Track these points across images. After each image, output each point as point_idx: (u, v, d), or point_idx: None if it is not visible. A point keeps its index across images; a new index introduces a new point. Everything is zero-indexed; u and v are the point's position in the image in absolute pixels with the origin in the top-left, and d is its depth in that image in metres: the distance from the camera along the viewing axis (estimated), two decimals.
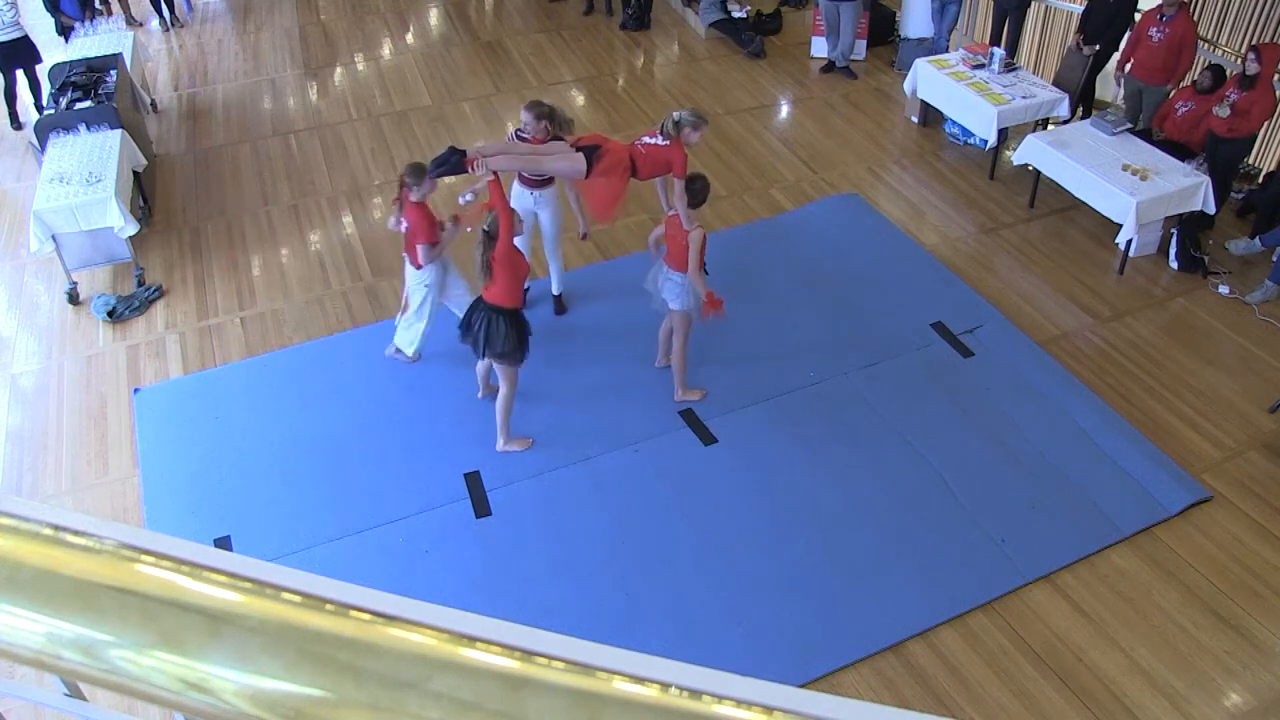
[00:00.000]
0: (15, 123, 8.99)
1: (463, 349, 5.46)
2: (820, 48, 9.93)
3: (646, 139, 5.44)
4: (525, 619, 0.70)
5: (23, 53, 8.66)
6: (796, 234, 7.39)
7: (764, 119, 9.08)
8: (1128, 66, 8.00)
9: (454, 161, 5.06)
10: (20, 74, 8.83)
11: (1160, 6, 7.60)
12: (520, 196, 5.94)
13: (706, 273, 5.48)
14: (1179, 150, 7.31)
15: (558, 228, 6.15)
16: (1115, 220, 7.04)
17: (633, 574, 4.95)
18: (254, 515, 5.24)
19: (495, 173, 4.95)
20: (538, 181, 5.90)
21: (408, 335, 5.90)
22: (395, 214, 5.59)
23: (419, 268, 5.58)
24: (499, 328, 5.04)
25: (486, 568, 5.00)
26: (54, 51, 8.96)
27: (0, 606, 0.72)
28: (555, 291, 6.49)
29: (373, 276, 7.09)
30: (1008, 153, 8.21)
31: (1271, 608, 4.80)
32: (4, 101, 8.91)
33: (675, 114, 5.39)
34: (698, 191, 5.34)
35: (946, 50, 9.12)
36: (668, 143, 5.33)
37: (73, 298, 6.82)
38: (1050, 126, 8.06)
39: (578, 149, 5.29)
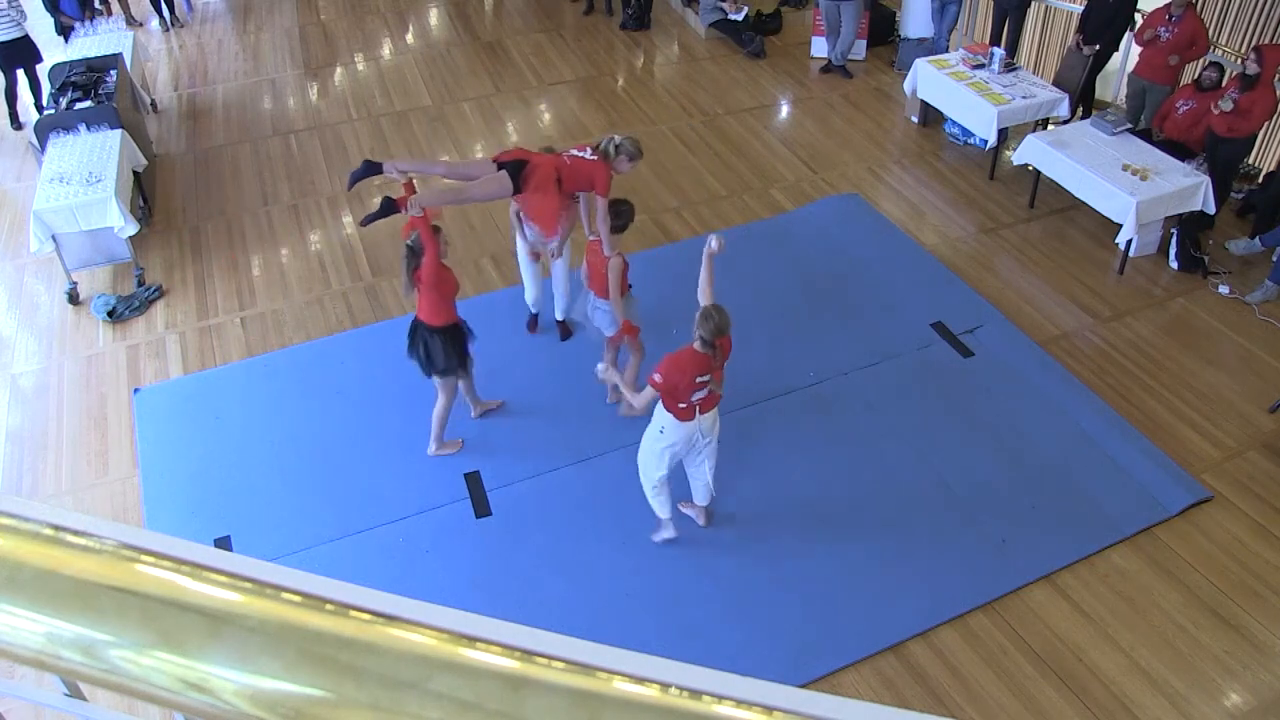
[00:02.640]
0: (16, 122, 8.99)
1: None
2: (820, 48, 9.93)
3: (575, 151, 5.32)
4: (525, 619, 0.69)
5: (23, 52, 8.67)
6: (796, 234, 7.39)
7: (764, 119, 9.08)
8: (1132, 64, 8.01)
9: (385, 205, 4.90)
10: (20, 74, 8.83)
11: (1168, 6, 7.60)
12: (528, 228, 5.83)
13: (635, 298, 5.45)
14: (1179, 150, 7.31)
15: (564, 258, 6.00)
16: (1115, 220, 7.04)
17: (632, 574, 4.95)
18: (254, 515, 5.24)
19: (424, 208, 4.78)
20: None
21: None
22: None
23: None
24: (436, 346, 4.98)
25: (486, 568, 5.00)
26: (54, 51, 8.96)
27: (0, 606, 0.72)
28: (559, 318, 6.33)
29: (372, 276, 7.09)
30: (1008, 153, 8.21)
31: (1271, 608, 4.80)
32: (4, 101, 8.92)
33: (616, 138, 5.30)
34: (623, 214, 5.25)
35: (947, 50, 9.12)
36: (594, 158, 5.22)
37: (73, 298, 6.82)
38: (1050, 126, 8.06)
39: (501, 166, 5.15)
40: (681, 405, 4.50)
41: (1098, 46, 8.16)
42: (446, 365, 5.05)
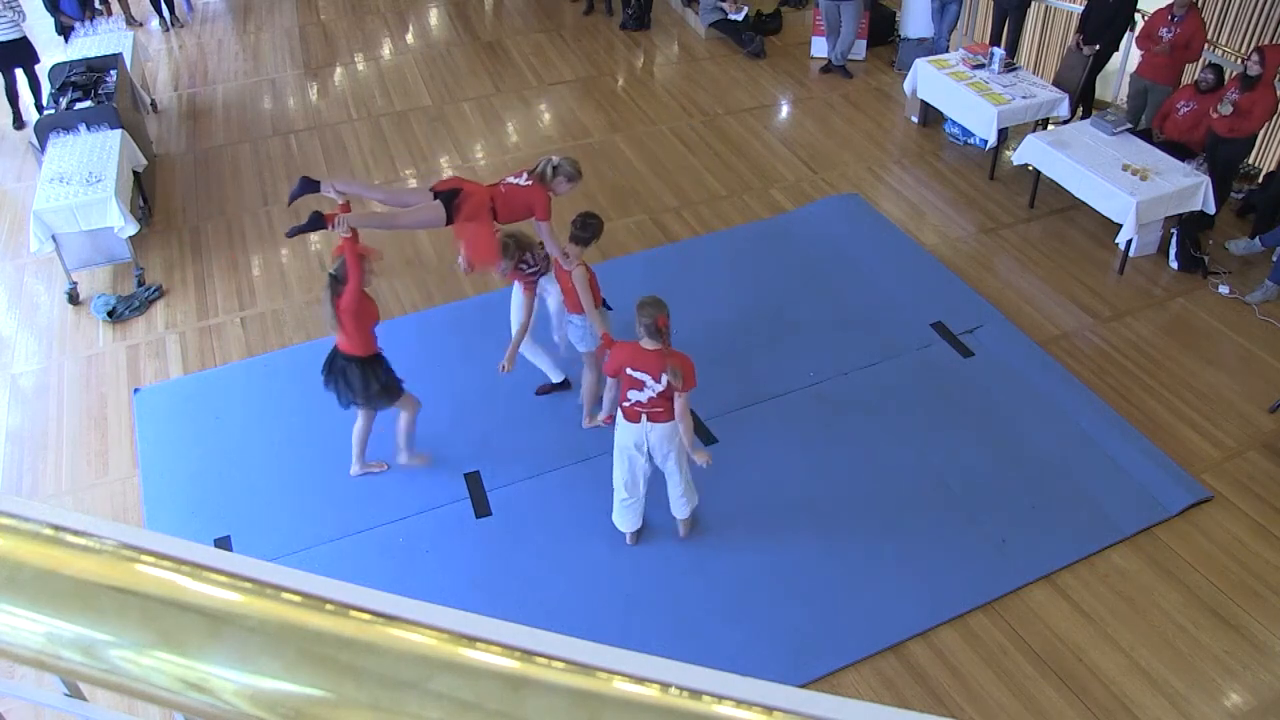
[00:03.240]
0: (18, 122, 9.00)
1: (467, 353, 5.45)
2: (820, 48, 9.93)
3: (511, 179, 5.19)
4: (525, 619, 0.69)
5: (21, 53, 8.68)
6: (796, 234, 7.39)
7: (764, 119, 9.08)
8: (1134, 65, 8.00)
9: (313, 219, 4.79)
10: (20, 74, 8.83)
11: (1171, 6, 7.60)
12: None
13: (610, 308, 5.39)
14: (1179, 150, 7.31)
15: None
16: (1115, 220, 7.04)
17: (632, 574, 4.94)
18: (254, 515, 5.24)
19: (354, 229, 4.68)
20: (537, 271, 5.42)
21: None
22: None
23: None
24: (355, 377, 4.85)
25: (486, 568, 5.00)
26: (54, 51, 8.96)
27: (0, 606, 0.72)
28: (555, 380, 5.94)
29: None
30: (1008, 153, 8.21)
31: (1271, 608, 4.80)
32: (7, 101, 8.93)
33: (555, 159, 5.18)
34: (590, 227, 5.12)
35: (947, 50, 9.11)
36: (530, 184, 5.11)
37: (73, 298, 6.82)
38: (1050, 126, 8.06)
39: (437, 194, 5.02)
40: (624, 403, 4.53)
41: (1098, 46, 8.17)
42: (365, 395, 4.90)
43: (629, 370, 4.44)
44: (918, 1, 9.61)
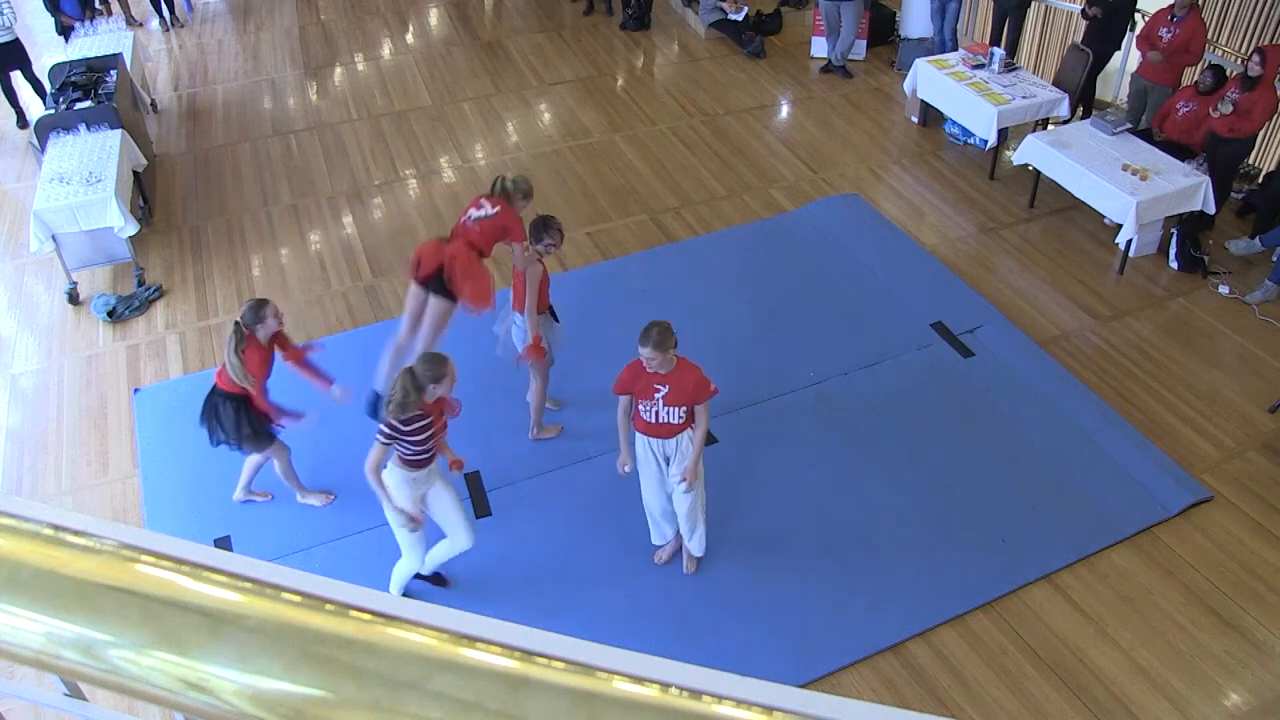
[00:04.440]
0: (22, 120, 9.00)
1: (466, 352, 5.45)
2: (820, 48, 9.93)
3: (474, 213, 5.09)
4: (525, 619, 0.70)
5: (14, 56, 8.69)
6: (796, 234, 7.39)
7: (764, 119, 9.08)
8: (1134, 64, 7.99)
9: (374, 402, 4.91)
10: (19, 76, 8.84)
11: (1171, 7, 7.60)
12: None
13: (556, 320, 5.34)
14: (1179, 150, 7.31)
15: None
16: (1115, 220, 7.04)
17: (632, 574, 4.94)
18: (254, 515, 5.24)
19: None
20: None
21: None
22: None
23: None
24: (228, 416, 4.68)
25: (486, 568, 4.99)
26: (54, 51, 8.97)
27: (0, 606, 0.72)
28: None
29: (373, 276, 7.09)
30: (1008, 153, 8.21)
31: (1271, 608, 4.80)
32: (8, 102, 8.94)
33: (509, 176, 5.12)
34: (557, 230, 5.00)
35: (954, 48, 9.10)
36: (497, 210, 5.05)
37: (73, 298, 6.82)
38: (1050, 126, 8.06)
39: (425, 284, 5.03)
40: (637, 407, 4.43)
41: (1098, 13, 8.07)
42: (236, 435, 4.73)
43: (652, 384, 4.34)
44: (918, 1, 9.61)
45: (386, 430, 4.00)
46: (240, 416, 4.72)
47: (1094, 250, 7.30)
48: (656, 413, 4.37)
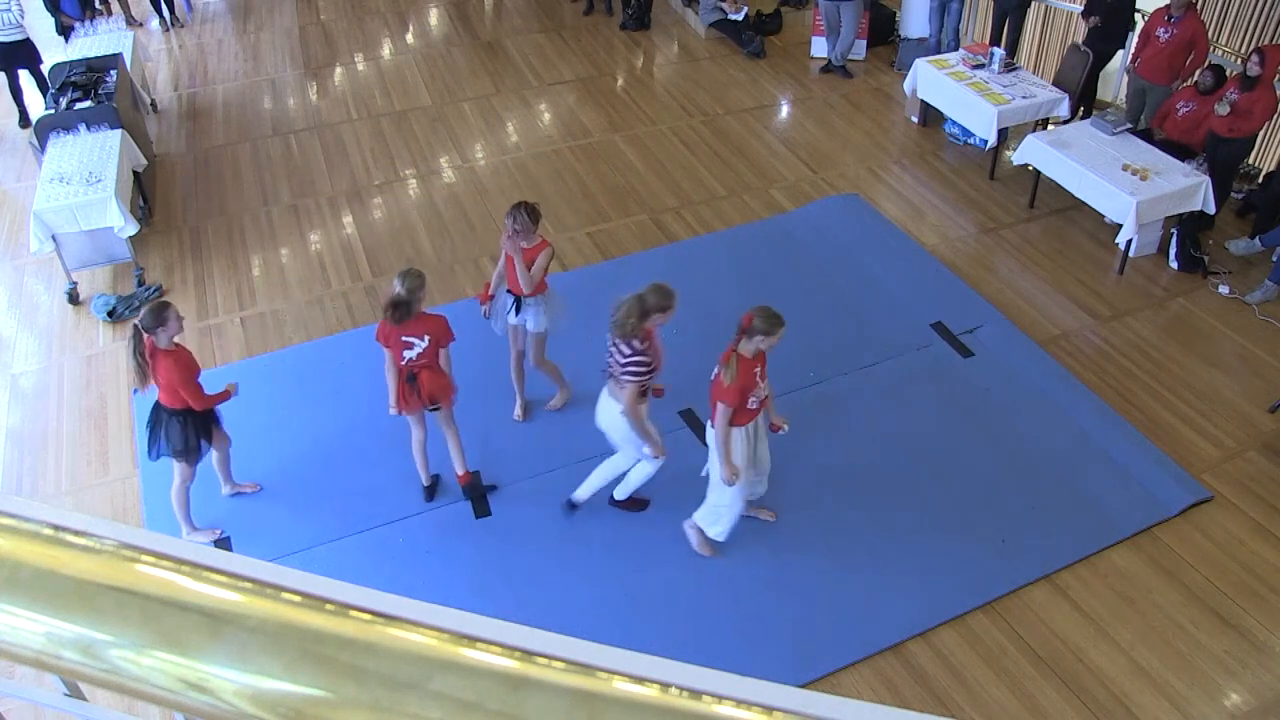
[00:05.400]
0: (25, 119, 9.00)
1: (466, 353, 5.45)
2: (820, 48, 9.93)
3: (407, 354, 4.84)
4: (525, 619, 0.69)
5: (22, 54, 8.69)
6: (796, 234, 7.39)
7: (764, 119, 9.08)
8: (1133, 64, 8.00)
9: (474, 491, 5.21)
10: (27, 74, 8.84)
11: (1168, 7, 7.59)
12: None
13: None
14: (1179, 150, 7.31)
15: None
16: (1115, 220, 7.04)
17: (632, 574, 4.94)
18: (254, 515, 5.24)
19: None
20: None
21: None
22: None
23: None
24: (174, 429, 4.68)
25: (486, 568, 4.99)
26: (54, 51, 8.96)
27: (0, 606, 0.72)
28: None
29: (373, 276, 7.09)
30: (1008, 153, 8.21)
31: (1271, 608, 4.80)
32: (12, 100, 8.93)
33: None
34: (535, 211, 5.10)
35: (956, 48, 9.10)
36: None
37: (73, 298, 6.82)
38: (1050, 126, 8.06)
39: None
40: (749, 406, 4.47)
41: (1099, 21, 8.08)
42: (183, 447, 4.72)
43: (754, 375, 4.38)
44: (918, 1, 9.61)
45: (637, 369, 4.43)
46: (186, 431, 4.72)
47: (1094, 250, 7.30)
48: (758, 398, 4.47)
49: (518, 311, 5.34)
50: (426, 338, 4.76)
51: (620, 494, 5.14)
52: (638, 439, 4.71)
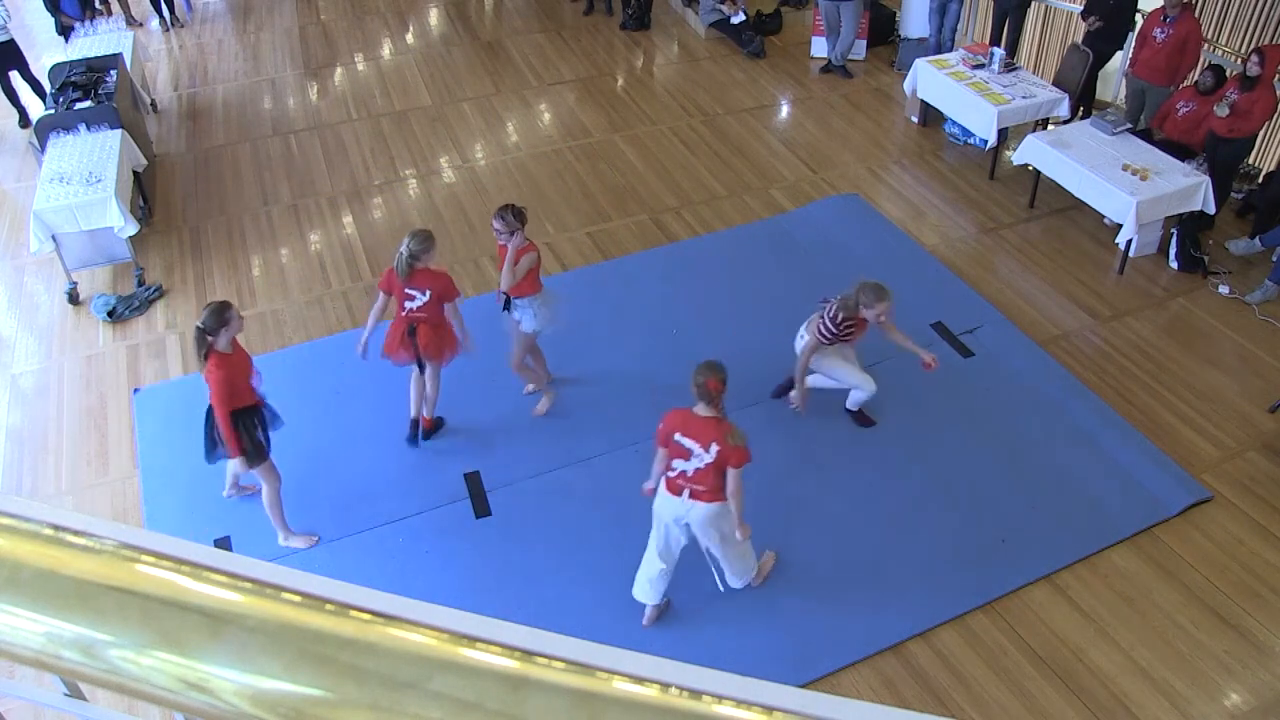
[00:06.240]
0: (25, 119, 9.00)
1: (465, 359, 5.45)
2: (820, 48, 9.93)
3: (409, 304, 5.18)
4: (525, 619, 0.69)
5: (10, 57, 8.69)
6: (796, 234, 7.39)
7: (764, 119, 9.08)
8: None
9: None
10: (18, 76, 8.84)
11: (1164, 7, 7.59)
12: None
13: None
14: (1179, 150, 7.31)
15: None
16: (1115, 220, 7.04)
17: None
18: (254, 515, 5.24)
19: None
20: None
21: None
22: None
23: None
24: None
25: (486, 568, 4.99)
26: (54, 51, 8.96)
27: (0, 606, 0.72)
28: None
29: (372, 276, 7.08)
30: (1008, 153, 8.21)
31: (1271, 608, 4.80)
32: (9, 102, 8.94)
33: (408, 247, 5.08)
34: (520, 214, 5.11)
35: (952, 48, 9.10)
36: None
37: (73, 298, 6.82)
38: (1050, 126, 8.06)
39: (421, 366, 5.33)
40: (669, 473, 4.27)
41: (1100, 22, 8.07)
42: (249, 449, 4.64)
43: (677, 437, 4.16)
44: (918, 1, 9.61)
45: (823, 333, 5.22)
46: (240, 432, 4.64)
47: (1094, 250, 7.30)
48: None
49: (506, 308, 5.35)
50: (428, 292, 5.04)
51: (850, 405, 5.74)
52: (836, 376, 5.55)
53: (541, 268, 6.49)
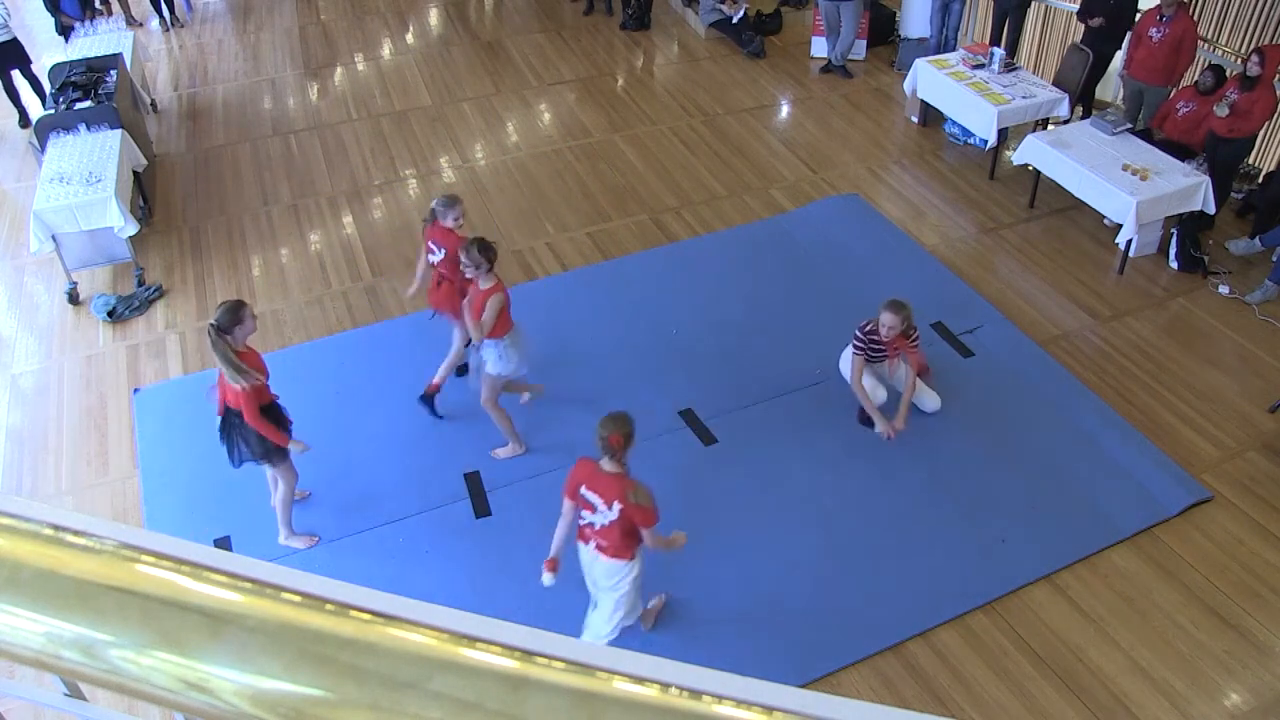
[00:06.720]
0: (25, 119, 9.00)
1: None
2: (820, 48, 9.93)
3: (430, 257, 5.50)
4: (525, 619, 0.69)
5: (13, 55, 8.69)
6: (796, 234, 7.39)
7: (764, 119, 9.08)
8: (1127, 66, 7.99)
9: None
10: (18, 75, 8.84)
11: (1159, 7, 7.59)
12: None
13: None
14: (1179, 150, 7.31)
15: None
16: (1115, 220, 7.04)
17: None
18: (254, 515, 5.24)
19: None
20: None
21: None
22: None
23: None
24: (251, 434, 4.57)
25: (486, 568, 4.99)
26: (54, 51, 8.96)
27: (0, 606, 0.72)
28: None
29: (372, 276, 7.09)
30: (1008, 153, 8.21)
31: (1271, 608, 4.80)
32: (10, 101, 8.94)
33: (434, 202, 5.20)
34: (489, 250, 4.89)
35: (955, 48, 9.09)
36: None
37: (73, 298, 6.82)
38: (1050, 126, 8.06)
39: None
40: (580, 520, 4.16)
41: (1103, 21, 8.06)
42: (261, 450, 4.63)
43: (583, 490, 4.07)
44: (918, 1, 9.61)
45: (858, 343, 5.39)
46: (275, 426, 4.65)
47: (1094, 250, 7.30)
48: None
49: (467, 344, 5.18)
50: (443, 250, 5.33)
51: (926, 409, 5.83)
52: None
53: (540, 268, 6.51)
